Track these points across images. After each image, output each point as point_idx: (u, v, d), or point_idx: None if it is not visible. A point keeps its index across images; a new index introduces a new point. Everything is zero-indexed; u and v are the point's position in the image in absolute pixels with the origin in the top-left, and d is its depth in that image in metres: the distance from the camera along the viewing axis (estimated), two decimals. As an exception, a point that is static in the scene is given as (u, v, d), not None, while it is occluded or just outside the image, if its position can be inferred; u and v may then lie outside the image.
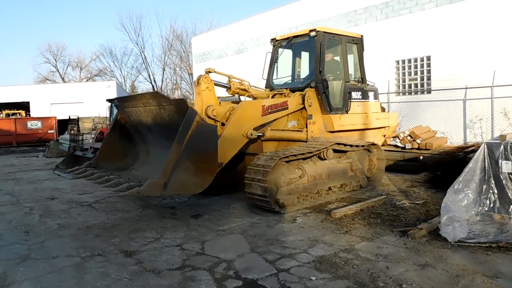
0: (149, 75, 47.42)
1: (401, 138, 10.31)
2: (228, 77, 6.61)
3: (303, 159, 6.21)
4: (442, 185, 6.60)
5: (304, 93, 6.86)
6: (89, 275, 3.70)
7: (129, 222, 5.52)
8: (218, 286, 3.42)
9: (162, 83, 46.39)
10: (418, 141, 9.92)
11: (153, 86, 45.68)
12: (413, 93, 14.14)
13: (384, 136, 8.55)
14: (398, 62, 14.24)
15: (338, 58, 7.57)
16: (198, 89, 5.85)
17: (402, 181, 8.02)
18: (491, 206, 4.61)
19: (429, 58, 13.25)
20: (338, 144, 6.65)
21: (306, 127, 6.87)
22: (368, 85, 7.95)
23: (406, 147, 10.09)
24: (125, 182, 5.24)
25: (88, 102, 31.81)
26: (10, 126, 21.89)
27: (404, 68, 14.17)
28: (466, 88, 11.79)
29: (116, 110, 16.15)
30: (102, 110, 25.25)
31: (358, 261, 3.87)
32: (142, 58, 50.23)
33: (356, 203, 6.03)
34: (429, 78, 13.38)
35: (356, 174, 6.98)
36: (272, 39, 8.12)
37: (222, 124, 5.75)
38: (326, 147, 6.39)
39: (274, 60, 8.07)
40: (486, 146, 4.69)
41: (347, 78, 7.38)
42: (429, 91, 13.31)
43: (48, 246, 4.57)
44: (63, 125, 23.35)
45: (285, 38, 7.82)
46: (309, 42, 7.25)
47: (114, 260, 4.08)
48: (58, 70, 54.77)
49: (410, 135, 10.15)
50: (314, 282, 3.44)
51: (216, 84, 6.23)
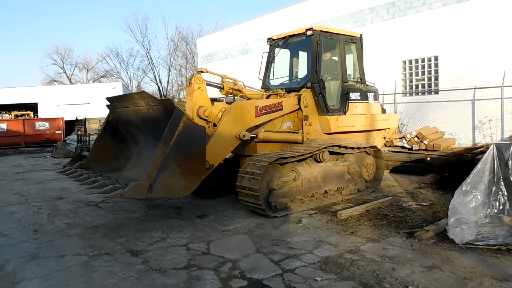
0: (154, 76, 47.70)
1: (408, 139, 10.26)
2: (221, 77, 6.53)
3: (298, 161, 6.05)
4: (449, 186, 6.53)
5: (300, 93, 6.71)
6: (96, 274, 3.74)
7: (135, 222, 5.56)
8: (224, 285, 3.43)
9: (167, 84, 46.61)
10: (426, 142, 9.86)
11: (158, 87, 45.90)
12: (420, 93, 14.05)
13: (384, 138, 8.36)
14: (405, 62, 14.16)
15: (336, 58, 7.41)
16: (189, 89, 5.77)
17: (408, 182, 7.97)
18: (501, 208, 4.57)
19: (436, 58, 13.16)
20: (333, 146, 6.46)
21: (302, 129, 6.72)
22: (367, 85, 7.78)
23: (413, 148, 10.03)
24: (111, 184, 5.06)
25: (94, 103, 32.06)
26: (19, 127, 22.13)
27: (411, 68, 14.08)
28: (475, 88, 11.68)
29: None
30: (108, 111, 25.34)
31: (364, 262, 3.85)
32: (148, 60, 50.51)
33: (362, 204, 6.01)
34: (436, 79, 13.28)
35: (353, 177, 6.76)
36: (268, 39, 7.95)
37: (215, 125, 5.65)
38: (318, 150, 6.19)
39: (270, 60, 7.91)
40: (495, 147, 4.64)
41: (345, 79, 7.21)
42: (436, 92, 13.22)
43: (56, 245, 4.62)
44: (70, 126, 23.56)
45: (281, 38, 7.65)
46: (305, 42, 7.10)
47: (121, 259, 4.11)
48: (65, 72, 55.33)
49: (417, 136, 10.09)
50: (319, 282, 3.43)
51: (208, 84, 6.13)
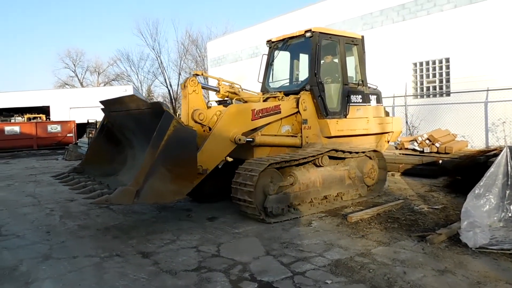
0: (165, 80, 47.99)
1: (419, 142, 10.15)
2: (217, 80, 6.47)
3: (296, 166, 5.90)
4: (462, 189, 6.45)
5: (298, 96, 6.56)
6: (108, 275, 3.78)
7: (145, 223, 5.60)
8: (234, 287, 3.44)
9: (178, 87, 46.92)
10: (437, 144, 9.74)
11: (169, 91, 46.23)
12: (431, 95, 13.91)
13: (388, 141, 8.09)
14: (415, 64, 14.05)
15: (336, 60, 7.28)
16: (184, 92, 5.68)
17: (420, 185, 7.88)
18: (515, 211, 4.49)
19: (448, 60, 13.03)
20: (329, 150, 6.25)
21: (301, 132, 6.55)
22: (369, 88, 7.60)
23: (425, 151, 9.91)
24: (100, 189, 4.91)
25: (106, 106, 32.36)
26: (32, 130, 22.51)
27: (422, 70, 13.97)
28: (488, 90, 11.50)
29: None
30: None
31: (375, 265, 3.82)
32: (158, 63, 50.87)
33: (372, 207, 5.96)
34: (448, 81, 13.15)
35: (354, 182, 6.58)
36: (268, 41, 7.80)
37: (210, 129, 5.57)
38: (313, 156, 5.97)
39: (269, 62, 7.78)
40: (509, 150, 4.57)
41: (346, 81, 7.04)
42: (448, 94, 13.08)
43: (68, 246, 4.68)
44: (82, 128, 23.86)
45: (281, 40, 7.51)
46: (305, 43, 6.95)
47: (132, 260, 4.14)
48: (77, 75, 56.07)
49: (428, 139, 9.97)
50: (329, 285, 3.41)
51: (204, 87, 6.05)
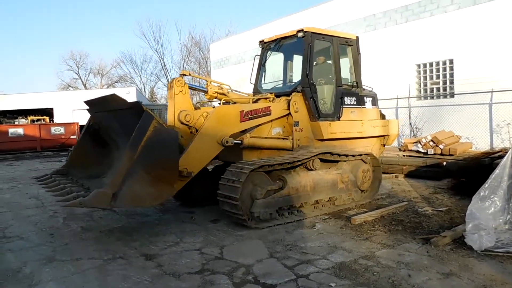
0: (168, 81, 48.21)
1: (423, 144, 10.11)
2: (206, 80, 6.39)
3: (286, 169, 5.75)
4: (466, 192, 6.41)
5: (290, 98, 6.39)
6: (111, 277, 3.77)
7: (149, 226, 5.60)
8: (237, 290, 3.42)
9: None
10: (441, 146, 9.70)
11: (172, 92, 46.30)
12: (435, 97, 13.86)
13: (384, 145, 7.90)
14: (419, 66, 14.01)
15: (330, 61, 7.12)
16: (170, 92, 5.56)
17: (424, 187, 7.84)
18: (521, 214, 4.45)
19: (451, 61, 12.99)
20: (318, 154, 6.05)
21: (292, 135, 6.38)
22: (364, 90, 7.43)
23: (429, 153, 9.88)
24: (77, 191, 4.74)
25: (109, 108, 32.49)
26: (35, 132, 22.58)
27: (425, 72, 13.93)
28: (492, 91, 11.45)
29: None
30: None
31: (379, 268, 3.80)
32: (161, 65, 51.19)
33: (376, 210, 5.93)
34: (451, 82, 13.10)
35: (347, 186, 6.38)
36: (260, 41, 7.64)
37: (197, 130, 5.45)
38: (298, 159, 5.73)
39: (262, 63, 7.63)
40: (513, 152, 4.53)
41: (339, 82, 6.86)
42: (452, 95, 13.03)
43: (72, 248, 4.68)
44: (85, 130, 23.90)
45: (273, 40, 7.36)
46: (297, 44, 6.79)
47: (135, 263, 4.14)
48: (80, 77, 56.36)
49: (432, 140, 9.94)
50: (334, 288, 3.39)
51: (191, 87, 5.95)
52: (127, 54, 74.95)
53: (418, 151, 10.26)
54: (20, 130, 22.36)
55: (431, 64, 13.66)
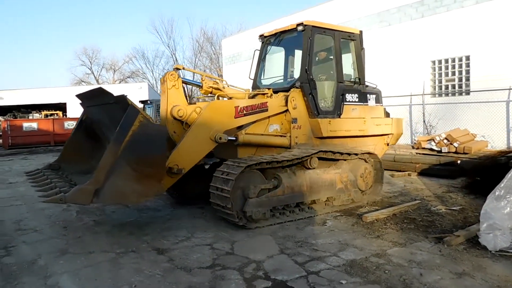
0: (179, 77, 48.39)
1: (437, 141, 9.98)
2: (201, 74, 6.24)
3: (282, 167, 5.57)
4: (481, 191, 6.30)
5: (288, 94, 6.18)
6: (123, 270, 3.82)
7: (160, 220, 5.65)
8: (248, 286, 3.43)
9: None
10: (456, 144, 9.56)
11: (184, 88, 46.54)
12: (450, 94, 13.63)
13: (387, 144, 7.62)
14: (434, 62, 13.78)
15: (331, 56, 6.86)
16: (163, 87, 5.43)
17: (437, 186, 7.73)
18: (537, 214, 4.34)
19: (468, 58, 12.73)
20: (314, 153, 5.79)
21: (290, 132, 6.17)
22: (367, 86, 7.18)
23: (442, 151, 9.75)
24: (62, 187, 4.62)
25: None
26: (49, 126, 22.96)
27: (440, 68, 13.69)
28: (510, 89, 11.20)
29: (148, 111, 16.64)
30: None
31: (390, 266, 3.76)
32: (173, 60, 51.26)
33: (388, 208, 5.88)
34: (467, 79, 12.85)
35: (346, 186, 6.14)
36: (260, 35, 7.40)
37: (190, 126, 5.32)
38: (286, 158, 5.46)
39: (261, 58, 7.38)
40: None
41: (341, 79, 6.62)
42: (467, 92, 12.79)
43: (85, 241, 4.76)
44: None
45: (273, 34, 7.10)
46: (297, 38, 6.54)
47: (147, 257, 4.19)
48: (93, 73, 57.03)
49: (446, 138, 9.80)
50: (344, 286, 3.38)
51: (185, 82, 5.79)
52: (139, 50, 75.60)
53: (431, 149, 10.12)
54: (34, 125, 22.77)
55: (447, 60, 13.42)
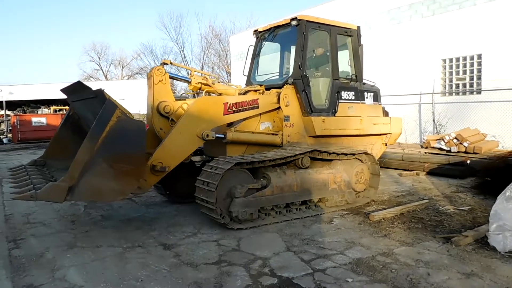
0: (188, 74, 48.58)
1: (446, 141, 9.88)
2: (190, 70, 6.11)
3: (273, 167, 5.39)
4: (491, 191, 6.22)
5: (280, 91, 6.02)
6: (130, 265, 3.85)
7: (167, 216, 5.68)
8: (254, 282, 3.43)
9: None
10: (465, 144, 9.45)
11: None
12: (460, 93, 13.45)
13: (385, 144, 7.37)
14: (445, 60, 13.60)
15: (327, 53, 6.65)
16: (149, 82, 5.32)
17: (446, 185, 7.65)
18: (548, 216, 4.27)
19: (479, 57, 12.54)
20: (309, 152, 5.63)
21: (282, 130, 6.01)
22: (365, 84, 6.97)
23: (452, 150, 9.65)
24: (36, 184, 4.46)
25: (129, 99, 33.15)
26: (58, 121, 23.13)
27: (451, 67, 13.50)
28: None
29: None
30: (142, 107, 26.13)
31: (397, 265, 3.73)
32: (182, 57, 51.35)
33: (396, 207, 5.83)
34: (479, 78, 12.66)
35: (340, 187, 5.92)
36: (254, 31, 7.20)
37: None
38: (268, 158, 5.22)
39: (255, 54, 7.20)
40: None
41: (336, 76, 6.42)
42: (479, 92, 12.60)
43: (92, 236, 4.80)
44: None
45: (267, 30, 6.91)
46: (291, 33, 6.36)
47: (154, 252, 4.21)
48: (102, 68, 57.40)
49: (456, 138, 9.70)
50: (350, 284, 3.36)
51: (172, 77, 5.67)
52: (148, 46, 75.25)
53: (441, 149, 10.02)
54: (43, 120, 23.03)
55: (458, 59, 13.23)
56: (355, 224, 5.16)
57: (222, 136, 5.49)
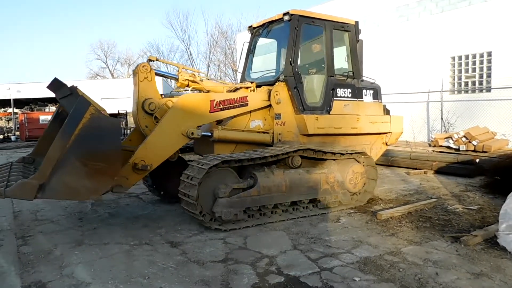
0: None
1: (455, 139, 9.79)
2: (178, 67, 6.01)
3: (261, 165, 5.22)
4: (501, 190, 6.16)
5: (272, 88, 5.88)
6: (137, 262, 3.86)
7: (174, 214, 5.68)
8: (261, 280, 3.42)
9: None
10: (474, 142, 9.35)
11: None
12: (470, 91, 13.30)
13: (386, 144, 7.08)
14: (454, 58, 13.46)
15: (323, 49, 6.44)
16: (135, 79, 5.23)
17: (455, 184, 7.57)
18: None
19: (489, 54, 12.38)
20: (296, 151, 5.42)
21: (273, 129, 5.87)
22: (363, 81, 6.73)
23: (461, 149, 9.56)
24: (13, 181, 4.36)
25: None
26: (65, 119, 23.42)
27: (460, 65, 13.36)
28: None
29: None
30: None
31: (405, 265, 3.70)
32: (188, 55, 51.36)
33: (404, 205, 5.78)
34: (489, 76, 12.51)
35: (333, 188, 5.71)
36: (249, 27, 7.02)
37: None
38: (248, 157, 5.01)
39: (250, 50, 6.99)
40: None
41: (331, 72, 6.21)
42: (488, 90, 12.45)
43: (99, 233, 4.82)
44: (113, 119, 24.58)
45: (261, 25, 6.72)
46: (285, 29, 6.15)
47: (160, 249, 4.22)
48: (108, 67, 57.67)
49: (465, 136, 9.60)
50: (357, 283, 3.34)
51: (158, 74, 5.61)
52: (154, 44, 75.61)
53: (449, 147, 9.93)
54: (50, 117, 23.23)
55: (467, 56, 13.08)
56: (363, 222, 5.12)
57: (209, 134, 5.39)
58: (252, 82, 6.16)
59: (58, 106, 5.88)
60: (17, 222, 5.39)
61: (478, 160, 8.57)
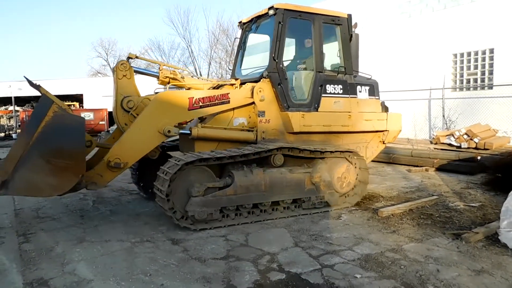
0: (195, 69, 48.50)
1: (456, 137, 9.77)
2: (159, 64, 5.97)
3: (241, 163, 5.09)
4: (502, 187, 6.15)
5: (255, 84, 5.69)
6: (139, 259, 3.87)
7: (176, 211, 5.69)
8: (262, 277, 3.43)
9: (208, 77, 47.27)
10: (476, 140, 9.34)
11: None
12: (471, 88, 13.27)
13: (383, 142, 6.79)
14: (455, 55, 13.42)
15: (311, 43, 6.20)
16: (114, 77, 5.20)
17: (456, 182, 7.57)
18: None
19: (492, 51, 12.34)
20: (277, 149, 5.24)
21: (257, 126, 5.69)
22: (357, 77, 6.44)
23: (462, 146, 9.55)
24: None
25: (136, 94, 33.30)
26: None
27: (462, 62, 13.33)
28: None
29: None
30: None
31: (406, 262, 3.70)
32: (189, 52, 51.21)
33: (405, 203, 5.78)
34: (491, 73, 12.48)
35: (319, 188, 5.50)
36: (239, 22, 6.82)
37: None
38: (220, 155, 4.86)
39: (240, 46, 6.82)
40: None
41: (320, 68, 5.94)
42: (490, 87, 12.42)
43: (101, 230, 4.83)
44: (114, 116, 24.60)
45: (250, 20, 6.48)
46: (271, 23, 5.91)
47: (162, 246, 4.23)
48: (109, 64, 57.46)
49: (466, 134, 9.59)
50: (359, 280, 3.34)
51: (137, 71, 5.53)
52: (155, 41, 75.32)
53: (450, 144, 9.92)
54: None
55: (469, 53, 13.04)
56: (364, 220, 5.12)
57: (188, 132, 5.28)
58: (236, 79, 6.01)
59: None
60: (18, 220, 5.40)
61: (479, 157, 8.56)
